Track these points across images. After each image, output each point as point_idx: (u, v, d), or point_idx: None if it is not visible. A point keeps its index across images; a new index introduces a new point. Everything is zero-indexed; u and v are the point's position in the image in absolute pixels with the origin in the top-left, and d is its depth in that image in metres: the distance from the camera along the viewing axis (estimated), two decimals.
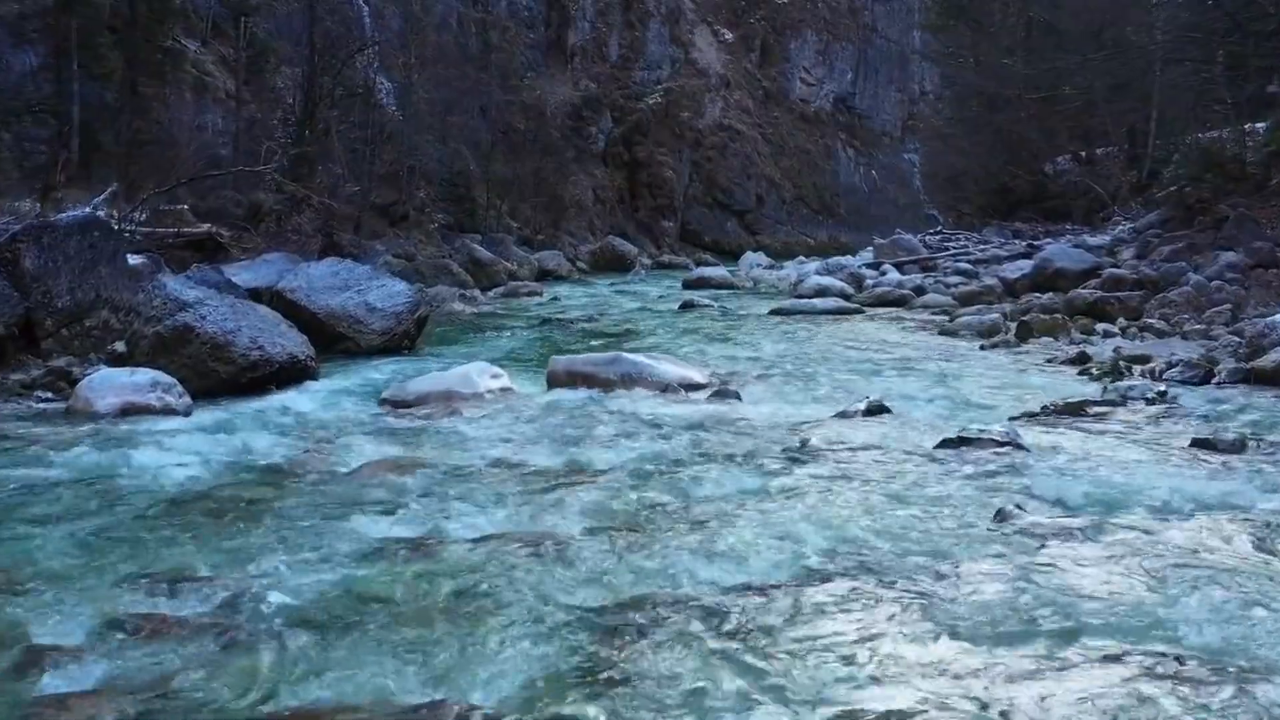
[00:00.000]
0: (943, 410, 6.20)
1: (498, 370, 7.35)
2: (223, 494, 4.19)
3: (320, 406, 6.87)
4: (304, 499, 4.03)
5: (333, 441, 5.35)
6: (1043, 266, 13.86)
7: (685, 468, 4.46)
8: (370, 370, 8.61)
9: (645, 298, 17.52)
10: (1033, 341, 9.84)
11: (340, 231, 14.23)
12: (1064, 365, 8.26)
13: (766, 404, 6.49)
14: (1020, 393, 6.90)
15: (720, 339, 10.71)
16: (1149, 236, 14.06)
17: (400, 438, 5.35)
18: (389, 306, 9.68)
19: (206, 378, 7.51)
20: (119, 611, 2.79)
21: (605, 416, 5.90)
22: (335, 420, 6.06)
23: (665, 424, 5.63)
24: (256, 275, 11.06)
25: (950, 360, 8.64)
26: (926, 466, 4.41)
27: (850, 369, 8.27)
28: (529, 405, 6.50)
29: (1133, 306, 10.77)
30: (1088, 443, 4.87)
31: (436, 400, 6.89)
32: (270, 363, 7.63)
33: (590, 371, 7.49)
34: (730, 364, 8.76)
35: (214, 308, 7.67)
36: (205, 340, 7.50)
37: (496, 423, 5.71)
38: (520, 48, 33.89)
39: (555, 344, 10.56)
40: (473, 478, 4.33)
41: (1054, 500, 3.92)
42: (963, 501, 3.91)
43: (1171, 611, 2.78)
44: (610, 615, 2.80)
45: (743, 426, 5.48)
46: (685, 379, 7.41)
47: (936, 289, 15.19)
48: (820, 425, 5.49)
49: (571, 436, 5.29)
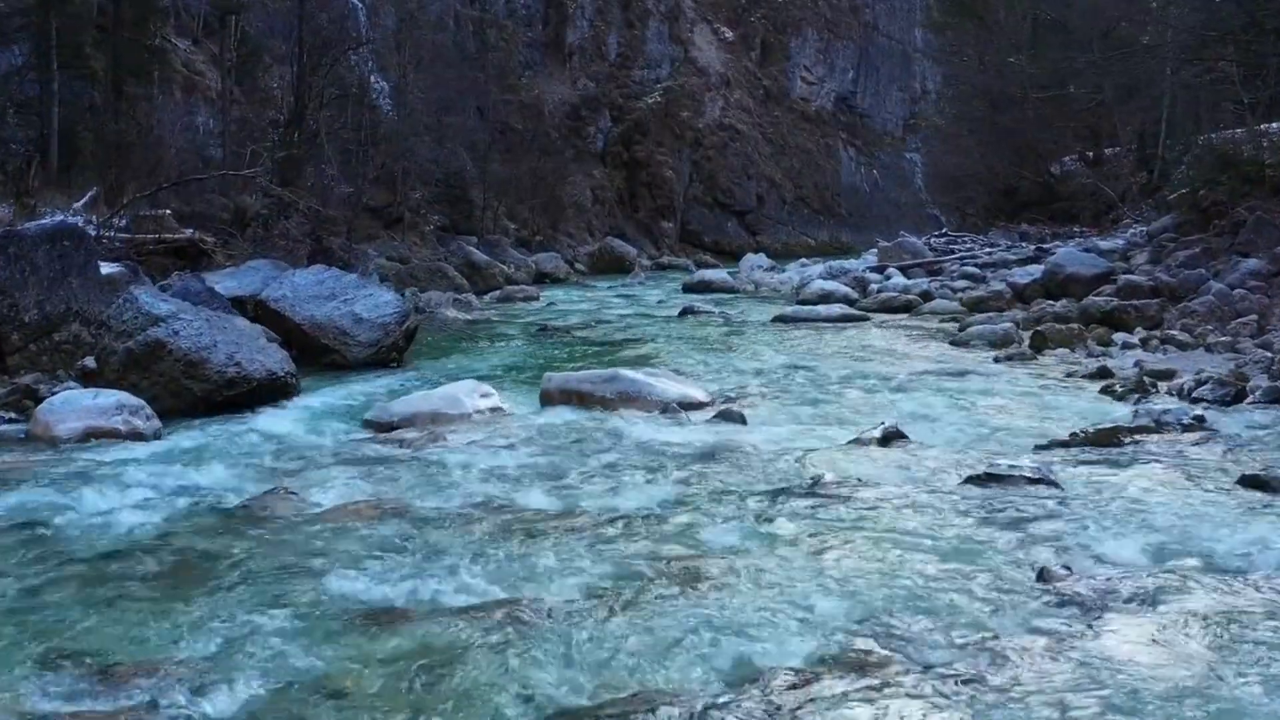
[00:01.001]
0: (962, 435, 5.79)
1: (487, 389, 6.94)
2: (175, 543, 3.78)
3: (298, 429, 6.46)
4: (263, 552, 3.62)
5: (305, 474, 4.94)
6: (1053, 272, 13.44)
7: (685, 512, 4.06)
8: (356, 386, 8.21)
9: (644, 303, 17.12)
10: (1048, 353, 9.44)
11: (332, 235, 13.81)
12: (1084, 380, 7.85)
13: (773, 427, 6.07)
14: (1043, 414, 6.49)
15: (722, 349, 10.30)
16: (1163, 241, 13.64)
17: (378, 471, 4.94)
18: (376, 317, 9.27)
19: (180, 396, 7.11)
20: (24, 709, 2.38)
21: (601, 444, 5.49)
22: (312, 447, 5.65)
23: (665, 454, 5.22)
24: (241, 283, 10.65)
25: (964, 375, 8.23)
26: (954, 510, 4.00)
27: (860, 385, 7.86)
28: (520, 429, 6.09)
29: (1151, 315, 10.36)
30: (1127, 480, 4.46)
31: (422, 422, 6.48)
32: (248, 380, 7.22)
33: (586, 389, 7.09)
34: (733, 378, 8.36)
35: (188, 322, 7.25)
36: (179, 357, 7.09)
37: (484, 452, 5.30)
38: (518, 46, 33.47)
39: (550, 356, 10.16)
40: (453, 525, 3.92)
41: (1100, 555, 3.52)
42: (998, 555, 3.51)
43: (1254, 703, 2.38)
44: (603, 714, 2.39)
45: (748, 457, 5.07)
46: (686, 397, 7.00)
47: (943, 294, 14.78)
48: (832, 455, 5.09)
49: (563, 470, 4.88)
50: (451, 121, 24.79)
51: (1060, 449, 5.18)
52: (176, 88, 21.18)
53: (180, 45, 22.19)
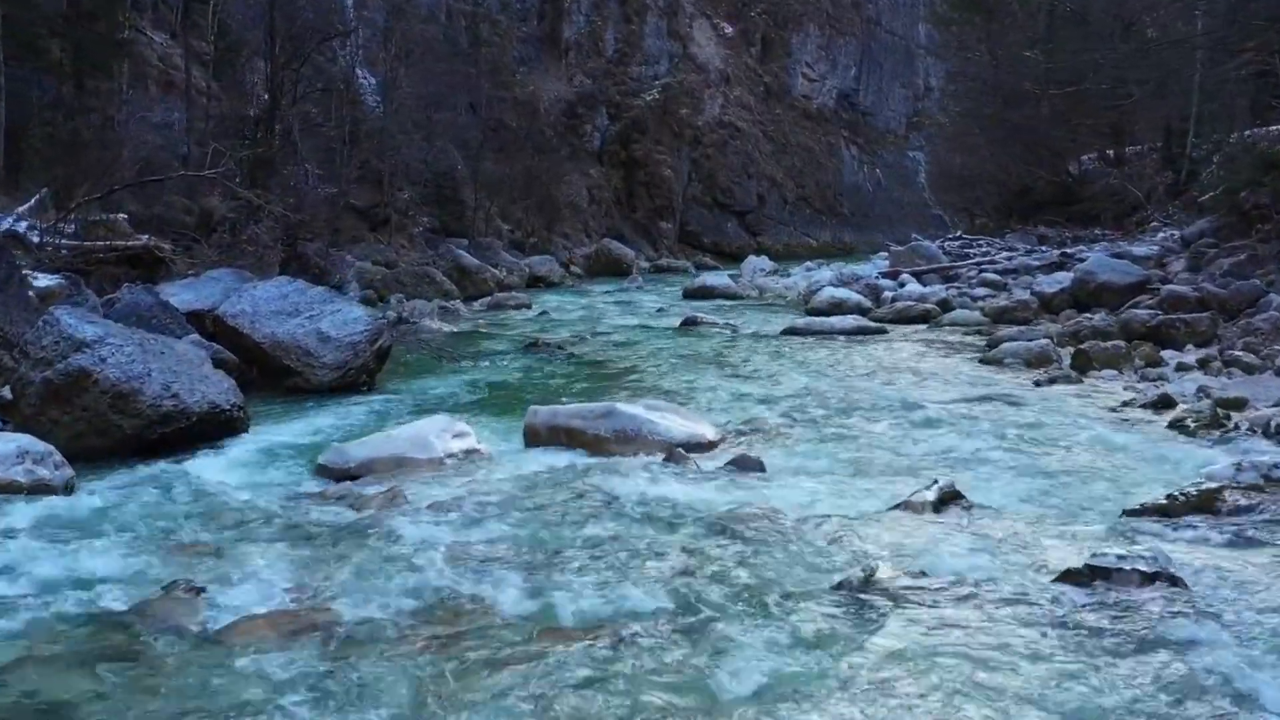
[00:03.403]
0: (1028, 492, 4.83)
1: (462, 427, 5.98)
2: (22, 681, 2.81)
3: (237, 479, 5.50)
4: (124, 703, 2.65)
5: (226, 554, 3.97)
6: (1084, 280, 12.50)
7: (696, 628, 3.09)
8: (317, 416, 7.24)
9: (643, 310, 16.14)
10: (1093, 374, 8.50)
11: (307, 239, 12.82)
12: (1145, 411, 6.89)
13: (798, 479, 5.11)
14: (1112, 459, 5.54)
15: (730, 369, 9.34)
16: (1201, 246, 12.68)
17: (315, 552, 3.97)
18: (345, 336, 8.30)
19: (107, 435, 6.14)
20: None
21: (592, 506, 4.53)
22: (244, 510, 4.68)
23: (669, 522, 4.26)
24: (199, 295, 9.69)
25: (1006, 403, 7.26)
26: (1054, 622, 3.04)
27: (888, 415, 6.89)
28: (498, 481, 5.13)
29: (1202, 331, 9.42)
30: (1260, 571, 3.49)
31: (384, 469, 5.53)
32: (186, 415, 6.26)
33: (577, 427, 6.13)
34: (745, 407, 7.39)
35: (117, 347, 6.27)
36: (105, 388, 6.12)
37: (449, 520, 4.33)
38: (512, 42, 32.43)
39: (538, 378, 9.18)
40: (390, 650, 2.95)
41: (1272, 704, 2.55)
42: (1134, 705, 2.54)
43: None
44: None
45: (773, 527, 4.11)
46: (693, 437, 6.04)
47: (963, 303, 13.82)
48: (880, 526, 4.12)
49: (544, 549, 3.92)
50: (442, 118, 23.80)
51: (1157, 516, 4.21)
52: (151, 83, 20.20)
53: (157, 39, 21.22)
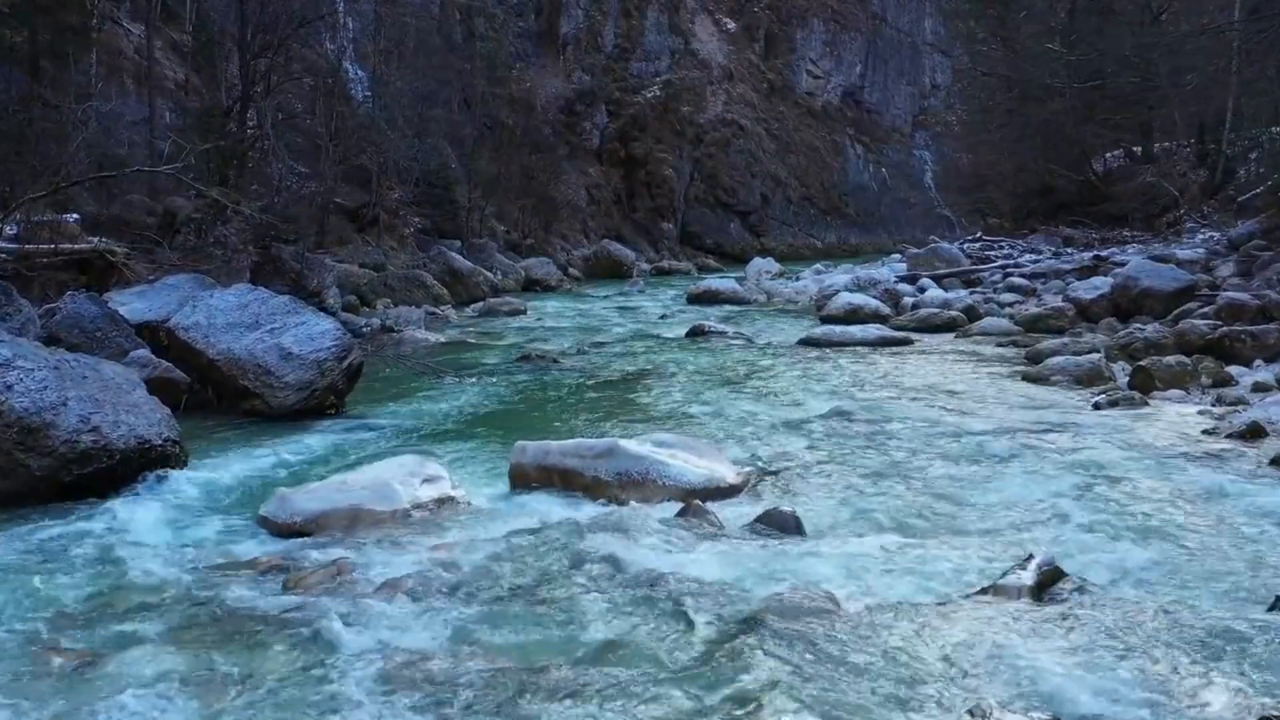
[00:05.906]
0: (1148, 570, 3.85)
1: (434, 469, 4.99)
2: None
3: (159, 534, 4.53)
4: None
5: (104, 664, 2.99)
6: (1125, 286, 11.53)
7: None
8: (272, 448, 6.25)
9: (645, 317, 15.16)
10: (1156, 395, 7.52)
11: (283, 241, 11.83)
12: (1234, 442, 5.92)
13: (845, 544, 4.13)
14: (1222, 512, 4.56)
15: (747, 388, 8.35)
16: (1250, 250, 11.71)
17: (221, 666, 2.98)
18: (310, 353, 7.30)
19: (11, 476, 5.16)
20: None
21: (589, 583, 3.55)
22: (148, 589, 3.70)
23: (687, 614, 3.27)
24: (151, 305, 8.70)
25: (1068, 432, 6.28)
26: None
27: (938, 449, 5.91)
28: (474, 542, 4.15)
29: (1270, 344, 8.46)
30: None
31: (336, 524, 4.55)
32: (108, 452, 5.28)
33: (572, 467, 5.15)
34: (767, 437, 6.41)
35: (26, 372, 5.29)
36: (10, 421, 5.14)
37: (403, 610, 3.35)
38: (508, 36, 31.43)
39: (528, 401, 8.19)
40: None
41: None
42: None
43: None
44: None
45: (827, 631, 3.12)
46: (711, 480, 5.05)
47: (991, 309, 12.85)
48: (965, 624, 3.14)
49: (520, 655, 2.93)
50: (434, 115, 22.83)
51: None
52: (126, 76, 19.22)
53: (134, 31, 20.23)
